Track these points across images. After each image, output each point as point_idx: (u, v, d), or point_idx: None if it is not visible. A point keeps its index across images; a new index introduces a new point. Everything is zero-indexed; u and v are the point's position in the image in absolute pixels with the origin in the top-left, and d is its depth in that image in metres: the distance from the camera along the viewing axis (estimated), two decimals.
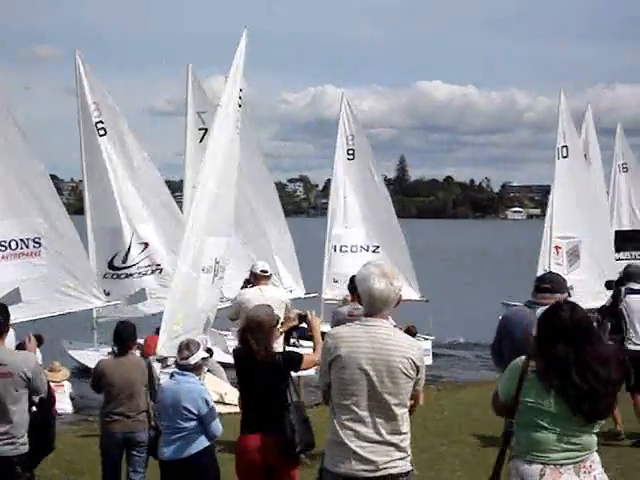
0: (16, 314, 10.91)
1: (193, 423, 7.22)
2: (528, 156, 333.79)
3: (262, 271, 11.51)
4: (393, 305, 5.08)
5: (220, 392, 13.74)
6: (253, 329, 6.70)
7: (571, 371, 4.53)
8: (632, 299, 11.00)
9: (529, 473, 4.61)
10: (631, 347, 10.71)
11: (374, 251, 24.32)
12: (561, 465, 4.57)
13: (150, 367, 8.78)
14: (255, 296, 10.98)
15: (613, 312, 11.17)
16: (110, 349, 9.26)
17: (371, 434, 4.86)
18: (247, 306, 10.34)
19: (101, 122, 20.62)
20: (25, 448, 6.54)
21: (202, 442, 7.24)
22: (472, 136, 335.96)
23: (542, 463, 4.57)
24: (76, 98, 21.04)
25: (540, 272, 19.06)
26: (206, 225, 13.20)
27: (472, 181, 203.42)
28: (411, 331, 10.16)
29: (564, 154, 22.19)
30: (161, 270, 20.37)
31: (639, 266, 12.28)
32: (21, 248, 17.47)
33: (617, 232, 25.78)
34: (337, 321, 10.98)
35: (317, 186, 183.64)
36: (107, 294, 19.52)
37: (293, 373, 6.89)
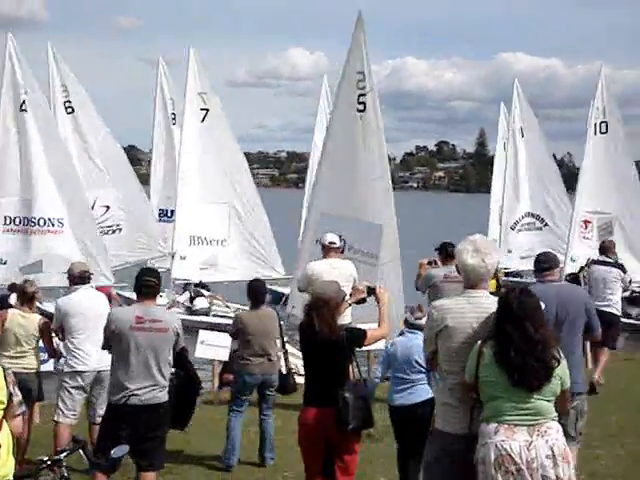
0: None
1: (420, 375, 8.03)
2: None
3: (330, 242, 11.64)
4: (488, 278, 5.50)
5: None
6: (319, 307, 6.84)
7: (510, 347, 5.11)
8: (594, 269, 14.07)
9: (486, 431, 5.16)
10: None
11: None
12: (515, 425, 5.11)
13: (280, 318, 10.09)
14: (325, 268, 11.23)
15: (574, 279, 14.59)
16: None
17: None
18: (317, 279, 10.63)
19: (69, 101, 22.88)
20: (167, 395, 7.43)
21: (427, 392, 8.00)
22: (554, 109, 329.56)
23: (497, 422, 5.13)
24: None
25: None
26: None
27: (554, 156, 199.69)
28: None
29: (602, 130, 21.93)
30: (120, 230, 22.91)
31: (612, 241, 14.83)
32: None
33: None
34: (433, 283, 11.59)
35: (395, 159, 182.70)
36: None
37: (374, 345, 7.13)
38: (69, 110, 23.02)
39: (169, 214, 25.30)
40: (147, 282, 7.47)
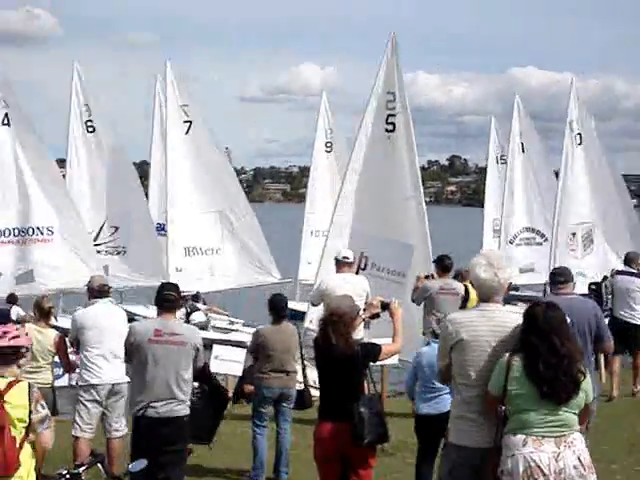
0: None
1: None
2: (626, 145, 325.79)
3: (344, 257, 11.87)
4: (502, 292, 5.58)
5: None
6: (334, 322, 6.89)
7: (539, 360, 5.22)
8: (618, 279, 14.36)
9: (513, 442, 5.25)
10: (617, 316, 14.03)
11: None
12: (542, 437, 5.21)
13: (299, 334, 10.28)
14: (338, 283, 11.41)
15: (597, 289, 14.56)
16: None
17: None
18: (330, 293, 10.91)
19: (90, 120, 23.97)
20: (187, 410, 7.56)
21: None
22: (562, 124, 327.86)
23: (525, 434, 5.23)
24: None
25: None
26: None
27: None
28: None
29: (578, 141, 22.56)
30: (125, 252, 23.80)
31: (637, 252, 15.41)
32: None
33: None
34: (429, 295, 12.12)
35: None
36: None
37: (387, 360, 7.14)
38: (90, 129, 23.83)
39: (166, 228, 25.65)
40: (167, 296, 7.66)
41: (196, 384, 7.93)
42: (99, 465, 5.79)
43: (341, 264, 11.84)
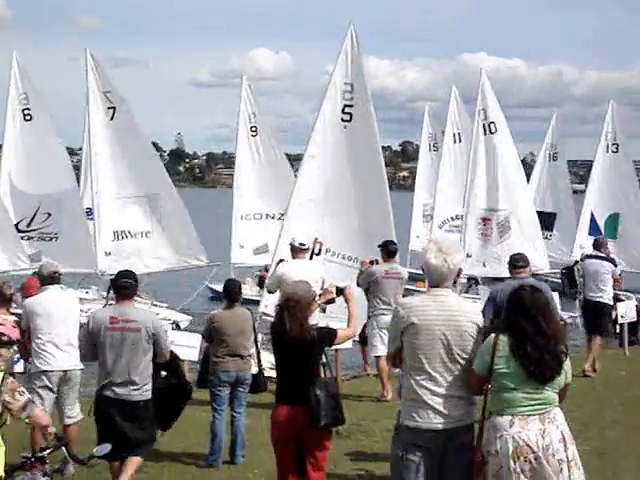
0: None
1: None
2: (574, 131, 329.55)
3: (300, 244, 12.13)
4: (452, 278, 5.73)
5: None
6: (290, 307, 6.99)
7: (526, 341, 5.45)
8: (588, 262, 15.36)
9: (501, 423, 5.44)
10: (588, 297, 15.25)
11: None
12: (527, 416, 5.43)
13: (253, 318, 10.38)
14: (294, 269, 11.59)
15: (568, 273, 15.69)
16: None
17: (444, 391, 5.52)
18: (286, 279, 11.09)
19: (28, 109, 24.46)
20: (148, 394, 7.80)
21: None
22: (517, 109, 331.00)
23: (511, 414, 5.44)
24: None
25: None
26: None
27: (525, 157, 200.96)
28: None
29: (492, 130, 23.30)
30: (57, 239, 24.28)
31: (604, 237, 17.14)
32: None
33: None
34: (374, 279, 12.48)
35: None
36: None
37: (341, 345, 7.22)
38: (27, 117, 24.39)
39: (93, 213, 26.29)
40: (124, 283, 7.88)
41: (164, 373, 8.14)
42: (63, 449, 5.84)
43: (297, 250, 12.04)
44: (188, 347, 12.87)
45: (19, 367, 10.97)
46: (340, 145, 14.50)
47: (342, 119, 14.42)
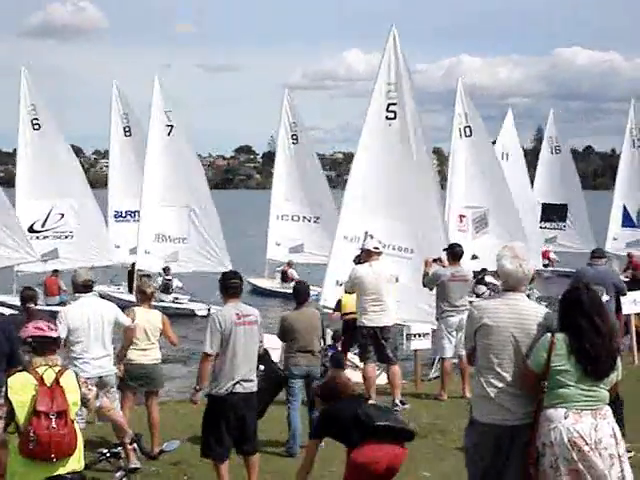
0: None
1: None
2: None
3: (374, 247, 12.54)
4: (526, 282, 6.05)
5: None
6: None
7: (584, 339, 5.68)
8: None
9: (555, 415, 5.68)
10: None
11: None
12: (581, 410, 5.66)
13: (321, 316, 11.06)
14: (367, 272, 12.19)
15: None
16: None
17: (512, 389, 5.84)
18: (361, 282, 12.08)
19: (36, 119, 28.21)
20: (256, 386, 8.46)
21: None
22: (614, 103, 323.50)
23: (566, 408, 5.67)
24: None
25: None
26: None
27: (613, 151, 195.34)
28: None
29: (467, 133, 24.57)
30: (72, 236, 28.16)
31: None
32: None
33: (544, 204, 34.30)
34: (441, 282, 12.82)
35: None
36: None
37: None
38: (36, 127, 27.97)
39: (123, 215, 31.07)
40: (233, 284, 8.42)
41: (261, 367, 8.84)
42: (135, 445, 6.11)
43: (371, 253, 12.40)
44: (272, 349, 13.11)
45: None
46: (386, 141, 15.21)
47: (387, 117, 15.14)
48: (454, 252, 13.06)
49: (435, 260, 13.08)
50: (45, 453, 5.65)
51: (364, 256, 12.45)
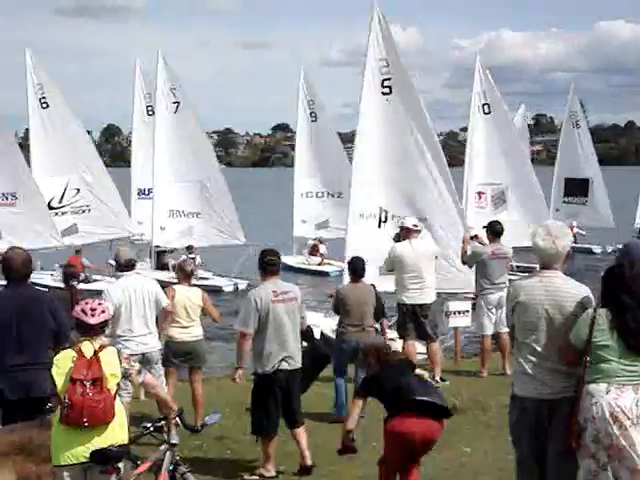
0: None
1: None
2: None
3: (414, 225, 12.67)
4: (561, 260, 6.10)
5: None
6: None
7: (627, 315, 5.73)
8: None
9: (597, 389, 5.72)
10: None
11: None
12: (622, 385, 5.70)
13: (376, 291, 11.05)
14: (407, 249, 12.35)
15: None
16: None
17: (548, 364, 5.95)
18: (401, 259, 12.24)
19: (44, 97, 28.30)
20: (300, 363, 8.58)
21: None
22: None
23: (607, 383, 5.71)
24: None
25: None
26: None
27: None
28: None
29: (486, 111, 24.41)
30: (90, 210, 28.31)
31: None
32: None
33: (567, 179, 35.07)
34: (481, 259, 12.90)
35: None
36: None
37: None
38: (44, 105, 27.98)
39: (146, 192, 31.27)
40: (271, 261, 8.51)
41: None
42: (178, 419, 6.25)
43: (409, 231, 12.52)
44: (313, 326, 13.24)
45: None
46: (386, 116, 15.35)
47: (383, 92, 15.31)
48: (494, 229, 13.10)
49: (472, 237, 13.22)
50: (77, 418, 5.75)
51: (403, 234, 12.55)
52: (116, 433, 5.93)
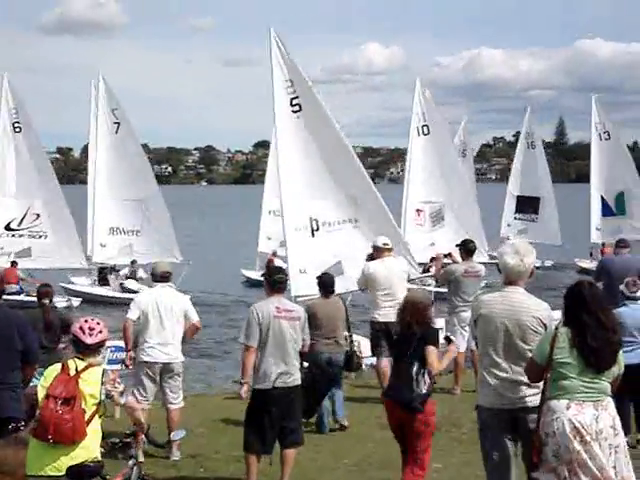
0: None
1: None
2: None
3: (384, 244, 12.81)
4: (526, 276, 6.42)
5: None
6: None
7: (587, 333, 5.94)
8: None
9: (558, 406, 5.93)
10: None
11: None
12: (583, 401, 5.91)
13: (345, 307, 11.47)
14: (379, 267, 12.52)
15: None
16: None
17: (506, 375, 6.26)
18: (374, 277, 12.44)
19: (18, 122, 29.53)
20: (299, 380, 8.57)
21: None
22: (635, 96, 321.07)
23: (568, 399, 5.92)
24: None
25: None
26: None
27: (635, 144, 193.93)
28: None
29: (425, 132, 25.37)
30: (47, 236, 29.10)
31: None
32: None
33: (519, 196, 36.84)
34: (454, 277, 13.08)
35: (472, 150, 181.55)
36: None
37: None
38: (17, 129, 28.81)
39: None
40: (279, 279, 8.72)
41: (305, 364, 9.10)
42: (143, 435, 6.38)
43: (381, 250, 12.69)
44: None
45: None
46: (300, 132, 15.91)
47: (292, 111, 15.88)
48: (467, 248, 13.28)
49: (445, 255, 13.37)
50: (43, 433, 5.83)
51: (375, 253, 12.69)
52: (89, 451, 5.94)
